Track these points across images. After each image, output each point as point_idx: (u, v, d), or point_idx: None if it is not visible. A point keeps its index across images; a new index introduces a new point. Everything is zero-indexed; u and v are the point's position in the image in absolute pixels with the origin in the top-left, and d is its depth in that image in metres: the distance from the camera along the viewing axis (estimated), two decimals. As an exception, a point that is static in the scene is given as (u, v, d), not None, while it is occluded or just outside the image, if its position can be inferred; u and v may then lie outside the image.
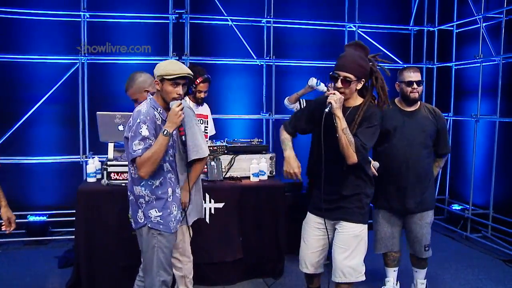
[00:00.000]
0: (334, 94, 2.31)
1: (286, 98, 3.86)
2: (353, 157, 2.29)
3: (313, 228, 2.59)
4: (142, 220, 2.33)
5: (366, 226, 2.50)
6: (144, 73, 2.74)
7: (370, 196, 2.51)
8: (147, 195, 2.31)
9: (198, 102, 3.52)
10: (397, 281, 3.18)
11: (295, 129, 2.64)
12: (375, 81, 2.44)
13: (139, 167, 2.20)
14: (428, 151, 2.92)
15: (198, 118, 3.08)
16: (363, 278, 2.49)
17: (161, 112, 2.32)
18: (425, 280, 3.15)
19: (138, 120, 2.23)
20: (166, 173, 2.35)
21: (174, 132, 2.32)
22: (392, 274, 3.11)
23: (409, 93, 2.86)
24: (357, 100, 2.45)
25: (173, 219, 2.36)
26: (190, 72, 2.28)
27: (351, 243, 2.44)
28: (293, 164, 2.52)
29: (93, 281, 3.17)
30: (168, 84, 2.24)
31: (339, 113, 2.29)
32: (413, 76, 2.85)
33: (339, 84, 2.33)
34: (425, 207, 2.93)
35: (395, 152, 2.85)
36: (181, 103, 2.25)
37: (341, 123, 2.28)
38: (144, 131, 2.20)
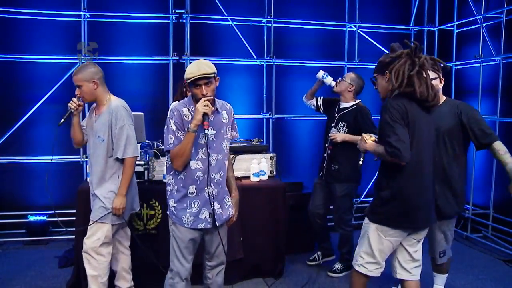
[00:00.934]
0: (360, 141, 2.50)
1: (304, 95, 3.88)
2: (396, 161, 2.23)
3: None
4: (168, 207, 2.49)
5: (373, 224, 2.36)
6: (98, 67, 2.83)
7: (384, 198, 2.33)
8: (172, 184, 2.43)
9: None
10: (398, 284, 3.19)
11: None
12: (395, 63, 2.29)
13: (172, 160, 2.35)
14: (450, 152, 2.71)
15: None
16: (359, 269, 2.42)
17: (192, 109, 2.38)
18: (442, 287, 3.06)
19: (168, 116, 2.41)
20: (194, 171, 2.37)
21: (210, 133, 2.37)
22: None
23: None
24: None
25: (188, 215, 2.39)
26: (207, 71, 2.28)
27: (362, 231, 2.48)
28: None
29: (93, 281, 3.16)
30: (192, 87, 2.32)
31: (367, 148, 2.42)
32: None
33: (375, 87, 2.52)
34: (442, 216, 2.72)
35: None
36: (205, 100, 2.28)
37: (370, 150, 2.40)
38: (172, 126, 2.34)
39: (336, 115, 3.61)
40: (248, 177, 3.62)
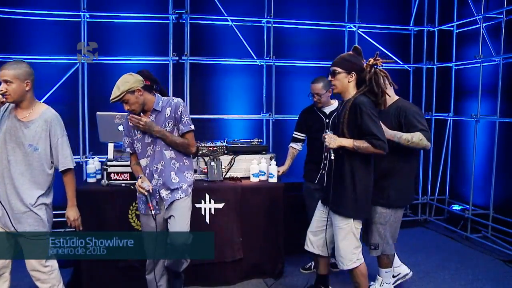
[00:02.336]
0: (325, 137, 2.58)
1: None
2: (380, 152, 2.48)
3: None
4: None
5: (351, 219, 2.63)
6: (31, 68, 2.53)
7: (357, 192, 2.59)
8: None
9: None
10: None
11: None
12: (371, 73, 2.53)
13: None
14: None
15: None
16: (356, 264, 2.64)
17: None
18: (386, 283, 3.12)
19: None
20: (145, 168, 2.73)
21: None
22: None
23: None
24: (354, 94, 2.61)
25: (141, 202, 2.75)
26: (115, 95, 2.51)
27: (342, 233, 2.66)
28: None
29: (93, 281, 3.17)
30: None
31: (342, 143, 2.52)
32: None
33: (329, 77, 2.63)
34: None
35: None
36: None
37: (348, 145, 2.51)
38: (122, 128, 2.87)
39: (327, 120, 3.46)
40: (248, 178, 3.62)
